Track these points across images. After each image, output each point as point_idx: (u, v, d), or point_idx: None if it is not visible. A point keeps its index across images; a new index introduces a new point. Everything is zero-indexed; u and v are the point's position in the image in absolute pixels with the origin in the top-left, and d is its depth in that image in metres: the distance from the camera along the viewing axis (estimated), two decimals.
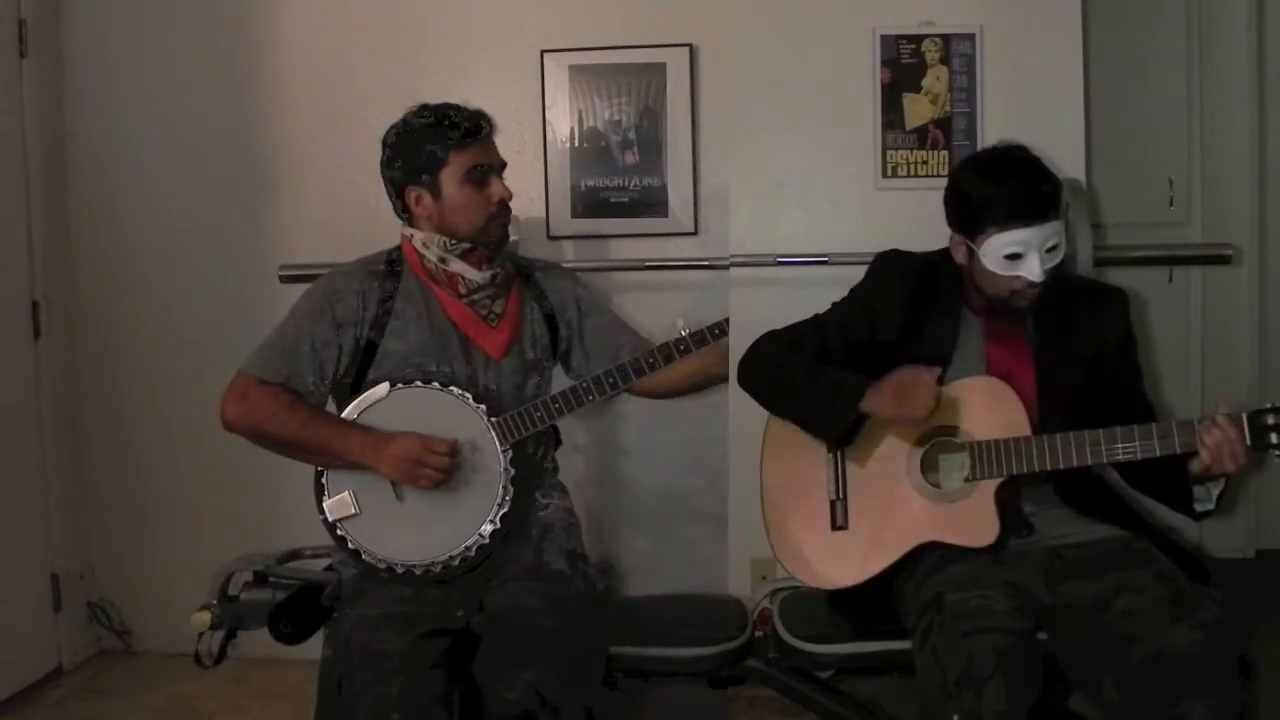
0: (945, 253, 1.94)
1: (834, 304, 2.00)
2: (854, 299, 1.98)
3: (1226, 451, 1.67)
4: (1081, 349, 1.87)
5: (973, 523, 1.81)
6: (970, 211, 1.81)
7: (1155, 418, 1.91)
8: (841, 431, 1.88)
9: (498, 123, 2.01)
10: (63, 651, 2.92)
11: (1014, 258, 1.77)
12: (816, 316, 1.99)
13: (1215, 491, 1.76)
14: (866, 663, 1.96)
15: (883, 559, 1.86)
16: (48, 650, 2.89)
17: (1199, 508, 1.78)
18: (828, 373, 1.89)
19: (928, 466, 1.88)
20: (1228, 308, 3.08)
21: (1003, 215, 1.76)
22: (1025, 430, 1.80)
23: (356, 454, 1.87)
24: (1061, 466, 1.76)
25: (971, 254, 1.83)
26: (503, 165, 2.02)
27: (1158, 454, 1.71)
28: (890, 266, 1.96)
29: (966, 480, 1.83)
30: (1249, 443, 1.66)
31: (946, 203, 1.89)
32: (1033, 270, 1.76)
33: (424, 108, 1.99)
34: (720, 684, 2.11)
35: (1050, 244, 1.77)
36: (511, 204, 2.01)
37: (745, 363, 1.99)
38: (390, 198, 2.02)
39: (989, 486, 1.81)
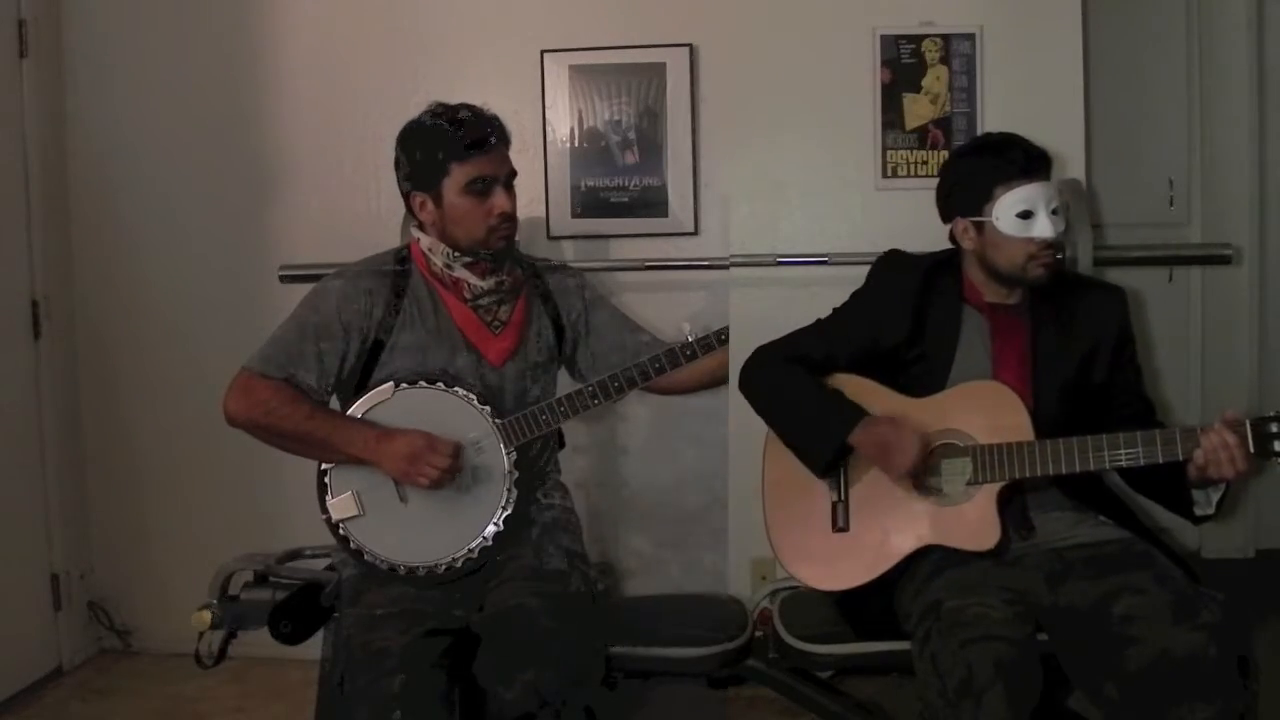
0: (947, 253, 1.96)
1: (836, 310, 2.00)
2: (857, 305, 1.98)
3: (1224, 456, 1.67)
4: (1079, 345, 1.88)
5: (974, 526, 1.81)
6: (974, 183, 1.86)
7: (1155, 414, 1.93)
8: (828, 464, 1.87)
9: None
10: (63, 651, 2.92)
11: (1025, 216, 1.81)
12: (820, 324, 1.98)
13: (1215, 497, 1.77)
14: (866, 663, 1.96)
15: (883, 562, 1.85)
16: (48, 650, 2.89)
17: (1198, 512, 1.79)
18: (823, 400, 1.88)
19: (930, 470, 1.87)
20: (1228, 308, 3.08)
21: (1009, 173, 1.83)
22: (1028, 434, 1.80)
23: (359, 449, 1.87)
24: (1064, 472, 1.76)
25: (980, 230, 1.86)
26: (511, 175, 1.97)
27: (1160, 460, 1.71)
28: (892, 269, 1.97)
29: (969, 484, 1.83)
30: (1252, 449, 1.67)
31: (943, 194, 1.94)
32: (1044, 228, 1.81)
33: (438, 108, 1.95)
34: (720, 684, 2.11)
35: (1054, 205, 1.83)
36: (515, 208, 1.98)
37: (747, 374, 1.97)
38: (402, 197, 2.02)
39: (991, 490, 1.81)
